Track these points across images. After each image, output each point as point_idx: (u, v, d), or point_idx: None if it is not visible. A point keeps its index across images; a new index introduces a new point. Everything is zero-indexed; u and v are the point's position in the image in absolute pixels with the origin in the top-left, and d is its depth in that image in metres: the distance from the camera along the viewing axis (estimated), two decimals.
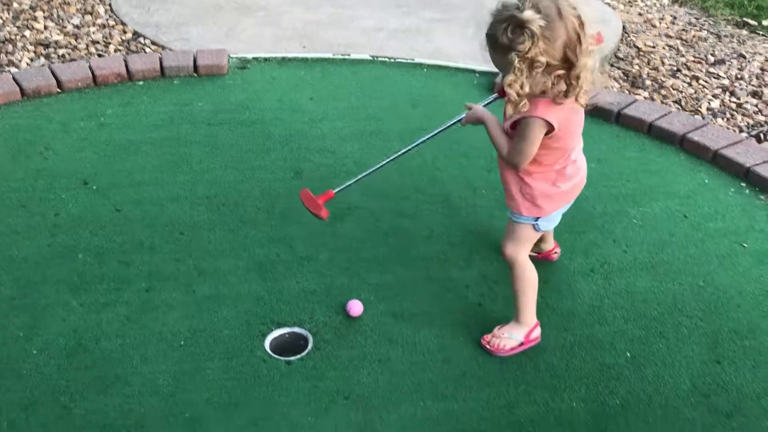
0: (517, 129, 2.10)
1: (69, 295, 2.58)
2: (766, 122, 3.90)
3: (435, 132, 2.45)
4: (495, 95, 2.35)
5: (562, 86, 1.94)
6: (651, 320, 2.58)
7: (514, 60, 1.85)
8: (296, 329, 2.49)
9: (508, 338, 2.42)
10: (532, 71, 1.87)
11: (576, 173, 2.24)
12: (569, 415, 2.23)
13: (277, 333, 2.47)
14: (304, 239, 2.89)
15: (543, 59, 1.85)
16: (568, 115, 2.03)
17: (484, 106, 2.33)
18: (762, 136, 3.77)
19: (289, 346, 2.46)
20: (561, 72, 1.90)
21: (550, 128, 2.02)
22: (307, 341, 2.45)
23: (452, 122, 2.41)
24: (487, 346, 2.42)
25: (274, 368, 2.34)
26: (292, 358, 2.38)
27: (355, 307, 2.53)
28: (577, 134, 2.18)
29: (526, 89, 1.89)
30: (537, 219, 2.26)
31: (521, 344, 2.42)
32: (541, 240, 2.64)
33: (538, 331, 2.46)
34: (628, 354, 2.45)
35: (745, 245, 2.95)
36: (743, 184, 3.33)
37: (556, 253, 2.79)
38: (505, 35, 1.85)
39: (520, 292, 2.40)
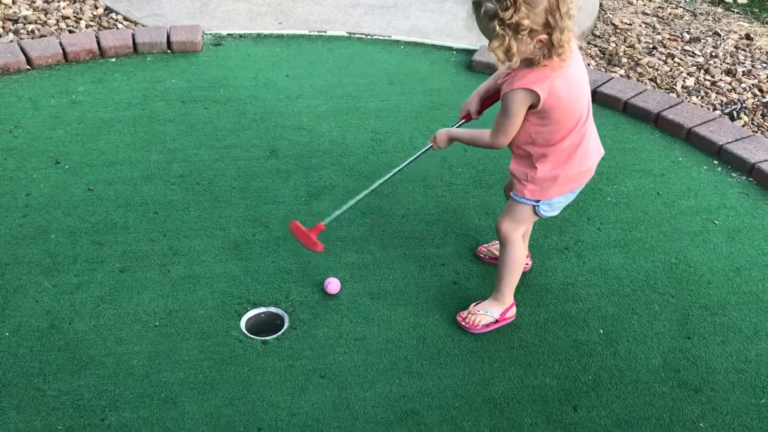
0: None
1: (41, 275, 2.55)
2: (739, 100, 3.94)
3: (406, 162, 2.44)
4: (462, 120, 2.41)
5: (544, 51, 1.95)
6: (624, 297, 2.62)
7: (496, 27, 1.88)
8: (272, 309, 2.49)
9: (484, 315, 2.44)
10: (517, 35, 1.89)
11: (585, 160, 2.19)
12: (543, 391, 2.27)
13: (252, 313, 2.47)
14: (280, 218, 2.87)
15: (527, 23, 1.87)
16: (554, 82, 1.99)
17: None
18: (735, 114, 3.81)
19: (265, 325, 2.46)
20: (543, 37, 1.91)
21: (536, 100, 2.00)
22: (283, 321, 2.46)
23: (421, 152, 2.42)
24: (463, 323, 2.44)
25: (250, 348, 2.34)
26: (268, 337, 2.38)
27: (333, 285, 2.54)
28: (576, 102, 2.08)
29: (514, 50, 1.91)
30: (538, 201, 2.25)
31: (496, 321, 2.45)
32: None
33: (513, 311, 2.48)
34: (601, 330, 2.48)
35: (716, 222, 2.99)
36: (716, 162, 3.37)
37: (527, 264, 2.71)
38: (489, 2, 1.86)
39: (506, 270, 2.41)
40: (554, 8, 1.88)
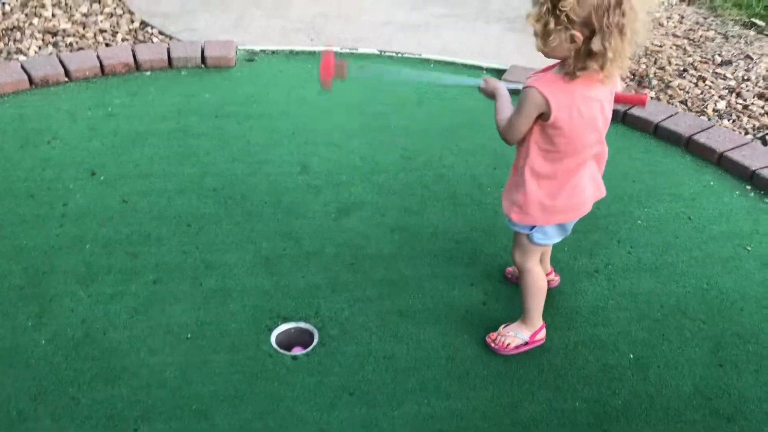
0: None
1: (77, 285, 2.59)
2: None
3: (450, 82, 2.36)
4: (520, 84, 2.18)
5: (578, 56, 1.82)
6: (654, 322, 2.60)
7: None
8: (302, 324, 2.51)
9: (514, 337, 2.43)
10: (554, 12, 1.78)
11: (581, 193, 2.12)
12: (572, 415, 2.25)
13: (283, 327, 2.49)
14: (310, 234, 2.90)
15: (567, 6, 1.74)
16: (573, 103, 1.90)
17: (508, 89, 2.20)
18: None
19: (295, 341, 2.47)
20: (578, 35, 1.79)
21: (548, 112, 1.91)
22: (313, 336, 2.47)
23: (469, 83, 2.34)
24: (492, 345, 2.44)
25: (279, 363, 2.36)
26: (298, 353, 2.40)
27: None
28: (587, 135, 1.99)
29: (551, 26, 1.80)
30: (532, 228, 2.21)
31: (526, 344, 2.44)
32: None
33: (543, 333, 2.47)
34: (631, 355, 2.46)
35: (749, 248, 2.96)
36: (748, 187, 3.34)
37: (553, 280, 2.67)
38: None
39: (527, 297, 2.40)
40: (603, 9, 1.74)
